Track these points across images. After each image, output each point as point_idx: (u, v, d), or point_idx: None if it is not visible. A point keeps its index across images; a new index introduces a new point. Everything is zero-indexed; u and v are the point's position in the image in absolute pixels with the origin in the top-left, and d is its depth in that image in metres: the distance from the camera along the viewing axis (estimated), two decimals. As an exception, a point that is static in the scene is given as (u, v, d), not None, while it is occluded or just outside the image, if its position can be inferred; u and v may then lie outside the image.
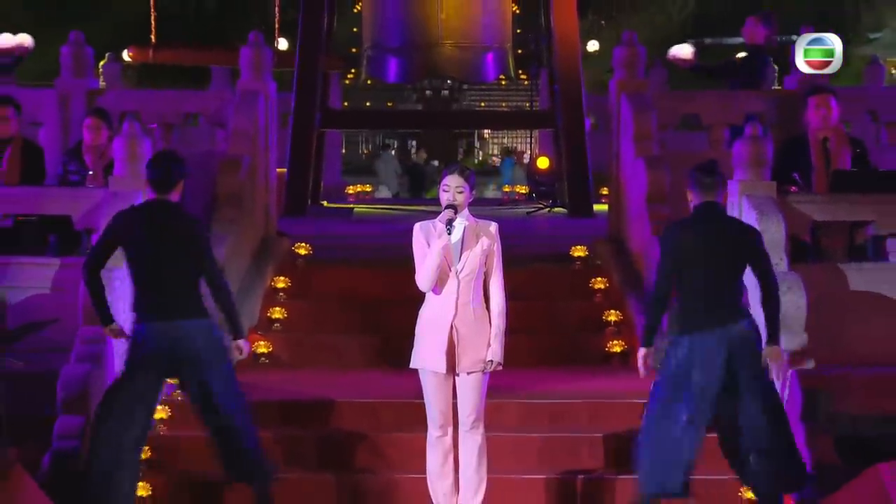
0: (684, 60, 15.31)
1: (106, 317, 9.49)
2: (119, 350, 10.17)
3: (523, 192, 20.34)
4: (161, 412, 10.35)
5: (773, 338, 9.27)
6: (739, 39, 42.33)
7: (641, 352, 9.43)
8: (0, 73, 15.50)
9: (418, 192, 29.41)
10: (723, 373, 9.22)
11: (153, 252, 9.34)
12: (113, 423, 9.32)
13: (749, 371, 9.25)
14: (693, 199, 9.46)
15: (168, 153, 9.74)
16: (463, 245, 9.17)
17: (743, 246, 9.40)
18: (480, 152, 38.02)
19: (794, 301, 10.09)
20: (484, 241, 9.20)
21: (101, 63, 17.13)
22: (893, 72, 33.34)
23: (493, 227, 9.31)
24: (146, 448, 9.85)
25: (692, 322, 9.31)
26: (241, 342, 9.48)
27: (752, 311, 9.57)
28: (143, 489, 9.42)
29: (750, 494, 9.58)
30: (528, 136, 29.22)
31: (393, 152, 33.74)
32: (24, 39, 15.36)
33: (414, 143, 36.67)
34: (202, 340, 9.35)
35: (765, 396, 9.27)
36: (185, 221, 9.48)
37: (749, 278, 9.46)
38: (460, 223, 9.14)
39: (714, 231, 9.37)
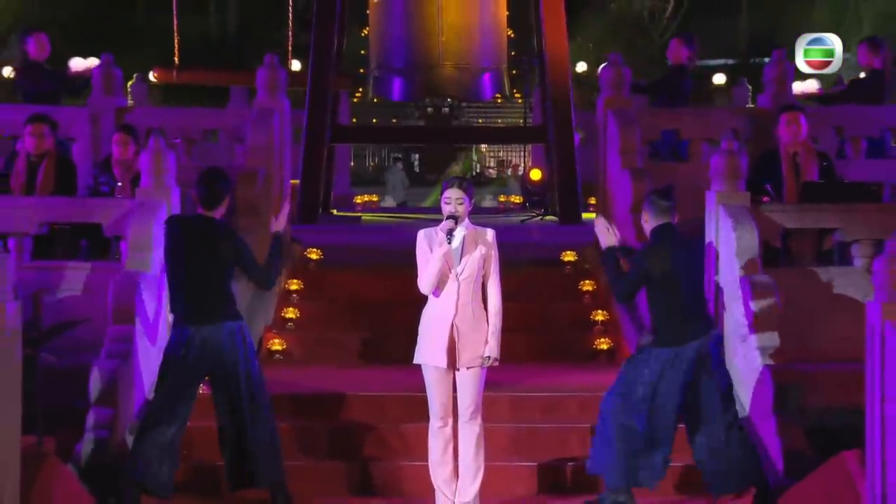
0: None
1: None
2: (144, 348, 10.28)
3: (517, 201, 20.33)
4: None
5: None
6: (720, 61, 42.30)
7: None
8: (72, 93, 15.56)
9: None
10: (695, 376, 9.38)
11: (189, 262, 9.45)
12: (154, 417, 9.45)
13: (713, 376, 9.43)
14: (649, 220, 9.59)
15: (214, 172, 9.73)
16: (463, 250, 9.22)
17: (700, 261, 9.60)
18: (478, 165, 38.00)
19: (767, 303, 10.13)
20: (482, 247, 9.27)
21: (130, 83, 17.12)
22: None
23: (491, 234, 9.37)
24: None
25: (667, 338, 9.44)
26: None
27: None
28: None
29: None
30: (522, 149, 29.18)
31: (401, 165, 33.77)
32: (93, 63, 15.42)
33: (417, 156, 36.66)
34: (229, 343, 9.42)
35: (724, 404, 9.44)
36: (224, 236, 9.54)
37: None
38: (460, 232, 9.20)
39: (680, 253, 9.50)
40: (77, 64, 14.47)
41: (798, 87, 15.16)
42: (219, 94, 22.73)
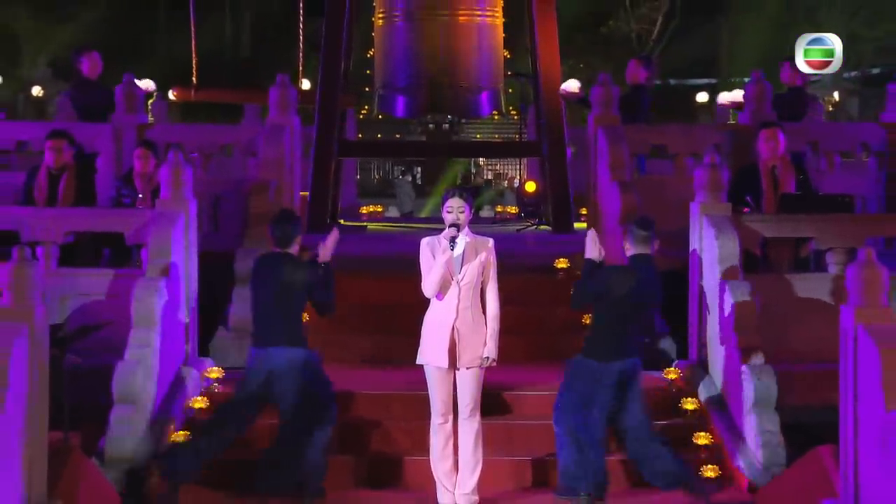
0: (572, 94, 15.34)
1: None
2: (163, 349, 10.27)
3: (513, 211, 20.30)
4: (199, 402, 10.45)
5: None
6: (702, 80, 42.16)
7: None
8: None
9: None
10: (617, 392, 9.45)
11: (266, 293, 9.57)
12: (221, 416, 9.64)
13: (634, 395, 9.50)
14: (629, 248, 9.66)
15: (285, 215, 9.85)
16: (464, 258, 9.25)
17: (652, 299, 9.64)
18: (476, 177, 38.01)
19: (747, 307, 10.18)
20: (482, 255, 9.30)
21: (150, 101, 17.14)
22: (830, 108, 33.37)
23: (490, 242, 9.41)
24: (182, 432, 10.05)
25: (603, 352, 9.49)
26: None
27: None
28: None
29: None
30: (518, 163, 29.19)
31: (409, 178, 33.86)
32: (149, 84, 15.43)
33: (419, 169, 36.68)
34: (287, 364, 9.48)
35: (645, 420, 9.53)
36: (297, 270, 9.61)
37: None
38: (462, 240, 9.24)
39: (635, 285, 9.50)
40: (147, 85, 14.29)
41: (563, 85, 15.06)
42: (233, 111, 22.77)
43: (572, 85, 15.09)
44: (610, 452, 9.62)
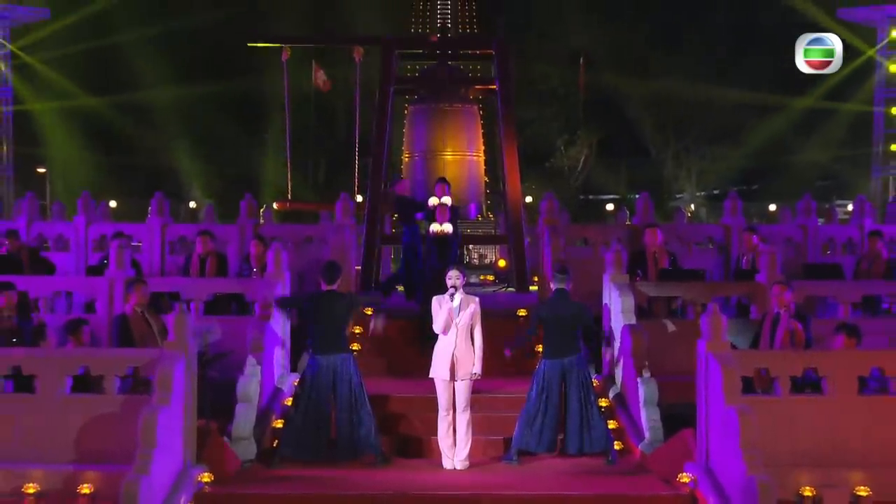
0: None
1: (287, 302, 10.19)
2: (267, 367, 10.10)
3: (491, 279, 20.26)
4: (290, 401, 10.17)
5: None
6: (610, 196, 41.81)
7: (507, 351, 9.94)
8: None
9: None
10: (563, 381, 9.43)
11: (321, 317, 9.42)
12: (300, 412, 9.39)
13: (577, 382, 9.45)
14: (553, 285, 9.68)
15: (331, 264, 9.65)
16: (460, 308, 9.23)
17: (577, 316, 9.57)
18: (466, 257, 37.84)
19: (639, 340, 10.10)
20: (471, 307, 9.27)
21: (262, 209, 17.16)
22: (689, 215, 33.35)
23: (477, 299, 9.37)
24: (280, 420, 9.82)
25: (551, 353, 9.51)
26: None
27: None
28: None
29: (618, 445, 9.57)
30: (494, 248, 29.14)
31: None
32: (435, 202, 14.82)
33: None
34: (342, 366, 9.36)
35: (585, 397, 9.45)
36: (340, 300, 9.50)
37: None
38: (458, 297, 9.23)
39: (563, 308, 9.52)
40: (432, 202, 13.46)
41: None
42: (313, 216, 22.78)
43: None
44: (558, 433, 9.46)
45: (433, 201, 12.22)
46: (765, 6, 34.98)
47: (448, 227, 11.66)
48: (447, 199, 11.36)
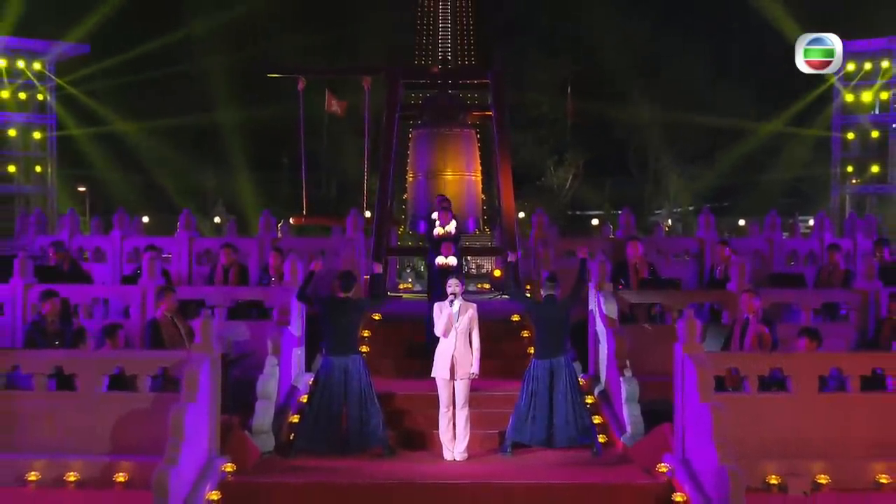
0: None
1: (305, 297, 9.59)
2: (285, 367, 10.03)
3: (487, 287, 20.22)
4: (305, 398, 10.14)
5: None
6: (595, 212, 41.80)
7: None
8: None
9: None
10: (551, 379, 9.36)
11: (336, 321, 9.32)
12: (314, 408, 9.31)
13: (564, 380, 9.37)
14: (544, 290, 9.63)
15: (346, 273, 9.64)
16: (459, 314, 9.20)
17: (565, 319, 9.52)
18: (466, 267, 37.84)
19: (622, 343, 10.07)
20: (469, 312, 9.25)
21: (279, 224, 17.14)
22: (667, 229, 33.37)
23: (474, 305, 9.35)
24: (296, 416, 9.73)
25: (541, 354, 9.46)
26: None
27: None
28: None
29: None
30: (491, 259, 29.12)
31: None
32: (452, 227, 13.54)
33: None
34: (353, 366, 9.29)
35: (572, 394, 9.38)
36: (354, 305, 9.45)
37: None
38: (457, 303, 9.21)
39: (552, 311, 9.48)
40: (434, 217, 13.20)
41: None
42: (326, 230, 22.77)
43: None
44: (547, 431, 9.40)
45: (436, 220, 12.04)
46: (741, 32, 35.21)
47: (453, 261, 11.61)
48: (451, 227, 11.18)
